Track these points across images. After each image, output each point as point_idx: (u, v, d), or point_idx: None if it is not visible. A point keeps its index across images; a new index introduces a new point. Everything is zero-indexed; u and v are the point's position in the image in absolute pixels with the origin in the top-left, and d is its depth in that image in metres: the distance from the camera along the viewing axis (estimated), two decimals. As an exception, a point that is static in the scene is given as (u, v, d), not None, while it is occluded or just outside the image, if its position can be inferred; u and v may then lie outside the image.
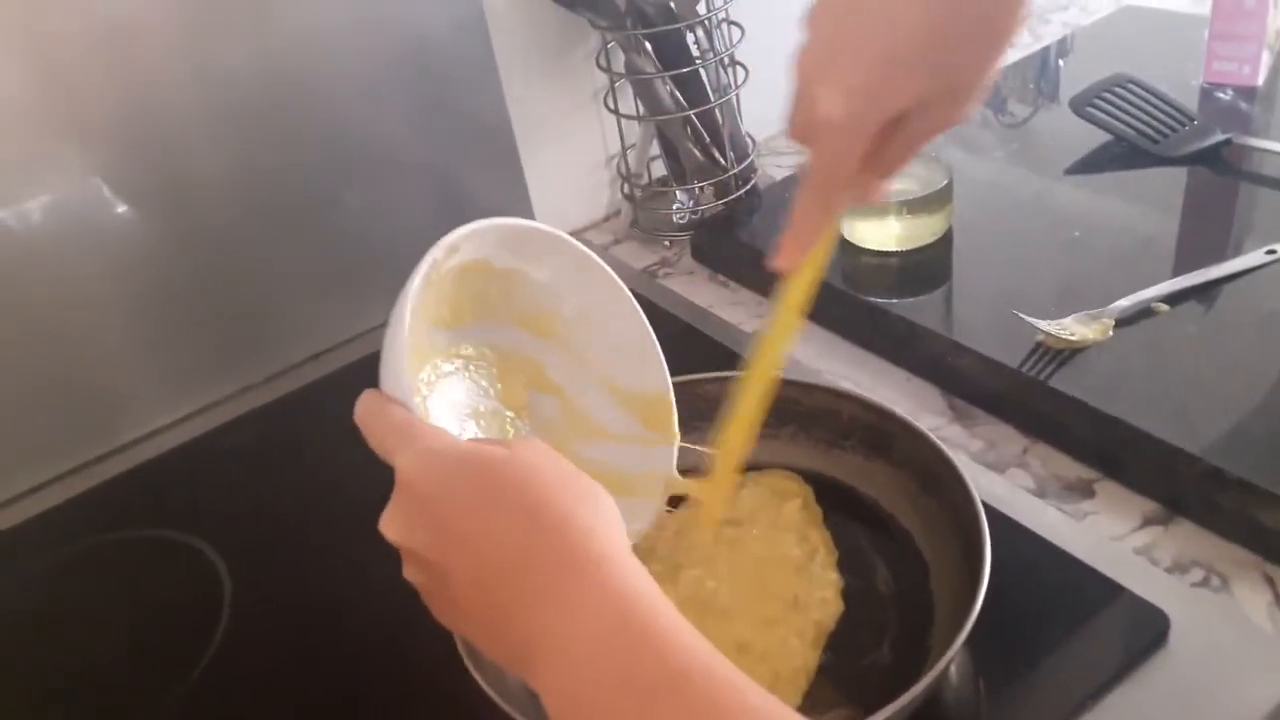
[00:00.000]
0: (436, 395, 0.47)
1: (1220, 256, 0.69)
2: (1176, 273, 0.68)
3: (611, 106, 0.84)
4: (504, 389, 0.49)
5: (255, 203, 0.76)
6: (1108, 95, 0.85)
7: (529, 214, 0.88)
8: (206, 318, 0.77)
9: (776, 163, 0.95)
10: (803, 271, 0.46)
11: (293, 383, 0.80)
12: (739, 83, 0.84)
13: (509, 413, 0.49)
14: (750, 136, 0.88)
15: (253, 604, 0.62)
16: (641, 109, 0.84)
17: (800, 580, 0.53)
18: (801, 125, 0.43)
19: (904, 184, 0.75)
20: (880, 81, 0.40)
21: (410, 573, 0.38)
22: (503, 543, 0.35)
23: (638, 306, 0.50)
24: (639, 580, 0.34)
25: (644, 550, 0.55)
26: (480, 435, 0.48)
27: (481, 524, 0.35)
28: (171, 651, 0.60)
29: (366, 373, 0.43)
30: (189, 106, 0.71)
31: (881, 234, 0.76)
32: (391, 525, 0.37)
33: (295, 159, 0.76)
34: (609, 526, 0.36)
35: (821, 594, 0.52)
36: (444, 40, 0.79)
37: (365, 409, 0.40)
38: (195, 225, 0.74)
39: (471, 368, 0.49)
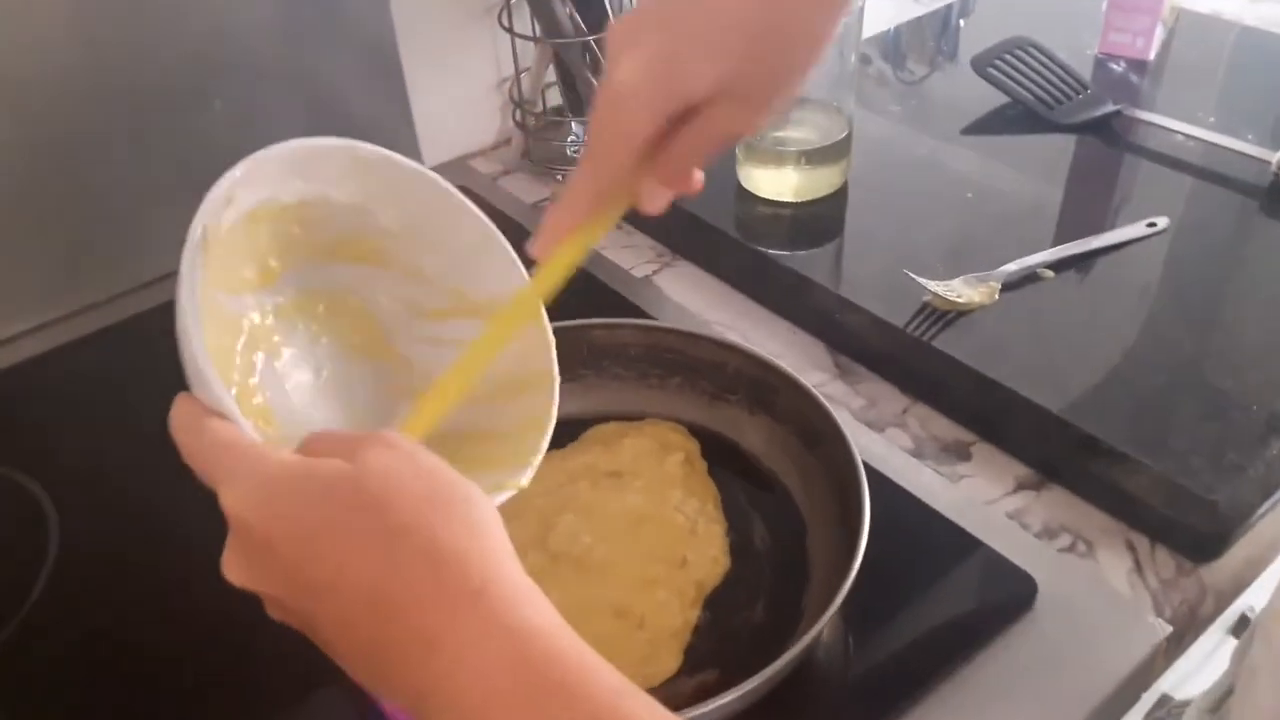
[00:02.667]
0: (274, 368, 0.41)
1: (1104, 226, 0.70)
2: (1062, 239, 0.68)
3: (506, 25, 0.80)
4: (349, 332, 0.44)
5: (104, 101, 0.68)
6: (1008, 57, 0.85)
7: (411, 134, 0.83)
8: (43, 225, 0.69)
9: (675, 101, 0.92)
10: (557, 259, 0.42)
11: (140, 303, 0.73)
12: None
13: (369, 359, 0.45)
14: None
15: (83, 545, 0.57)
16: (538, 30, 0.80)
17: (691, 541, 0.51)
18: (598, 96, 0.40)
19: (803, 133, 0.73)
20: (685, 57, 0.38)
21: (274, 614, 0.33)
22: (365, 582, 0.30)
23: (467, 202, 0.44)
24: (531, 608, 0.30)
25: (515, 500, 0.53)
26: (343, 397, 0.43)
27: (335, 564, 0.30)
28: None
29: None
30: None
31: (778, 184, 0.74)
32: (234, 570, 0.32)
33: (150, 56, 0.69)
34: (485, 540, 0.31)
35: (711, 553, 0.51)
36: (327, -62, 0.73)
37: (179, 423, 0.34)
38: (33, 121, 0.66)
39: (302, 323, 0.43)
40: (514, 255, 0.44)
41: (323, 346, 0.44)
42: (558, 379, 0.44)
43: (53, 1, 0.64)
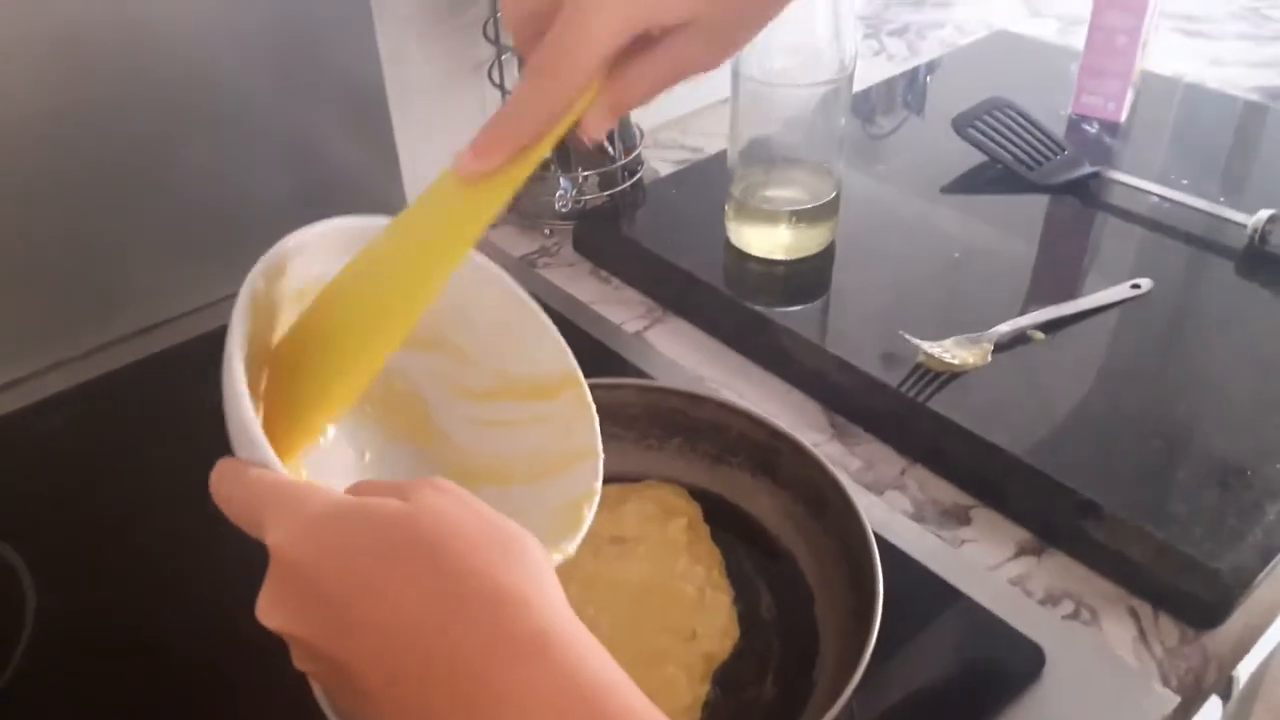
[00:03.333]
0: (318, 447, 0.40)
1: (1088, 286, 0.71)
2: (1048, 300, 0.69)
3: (496, 81, 0.79)
4: (394, 415, 0.44)
5: (80, 150, 0.66)
6: (987, 118, 0.86)
7: (398, 186, 0.82)
8: (19, 278, 0.67)
9: (662, 156, 0.93)
10: (501, 178, 0.37)
11: (116, 359, 0.71)
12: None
13: (413, 444, 0.44)
14: (639, 127, 0.85)
15: (60, 617, 0.54)
16: (526, 87, 0.79)
17: (700, 613, 0.50)
18: (527, 12, 0.36)
19: (794, 193, 0.74)
20: None
21: (299, 661, 0.31)
22: (419, 628, 0.28)
23: (514, 284, 0.43)
24: (594, 659, 0.28)
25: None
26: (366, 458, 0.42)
27: (389, 605, 0.28)
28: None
29: (203, 352, 0.36)
30: (8, 21, 0.61)
31: (769, 242, 0.75)
32: (272, 611, 0.30)
33: (132, 104, 0.67)
34: (544, 587, 0.30)
35: (720, 624, 0.50)
36: (315, -10, 0.72)
37: (222, 478, 0.33)
38: (6, 174, 0.64)
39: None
40: (558, 334, 0.44)
41: (367, 430, 0.43)
42: (601, 454, 0.43)
43: (30, 48, 0.62)
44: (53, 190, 0.66)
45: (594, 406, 0.44)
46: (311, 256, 0.38)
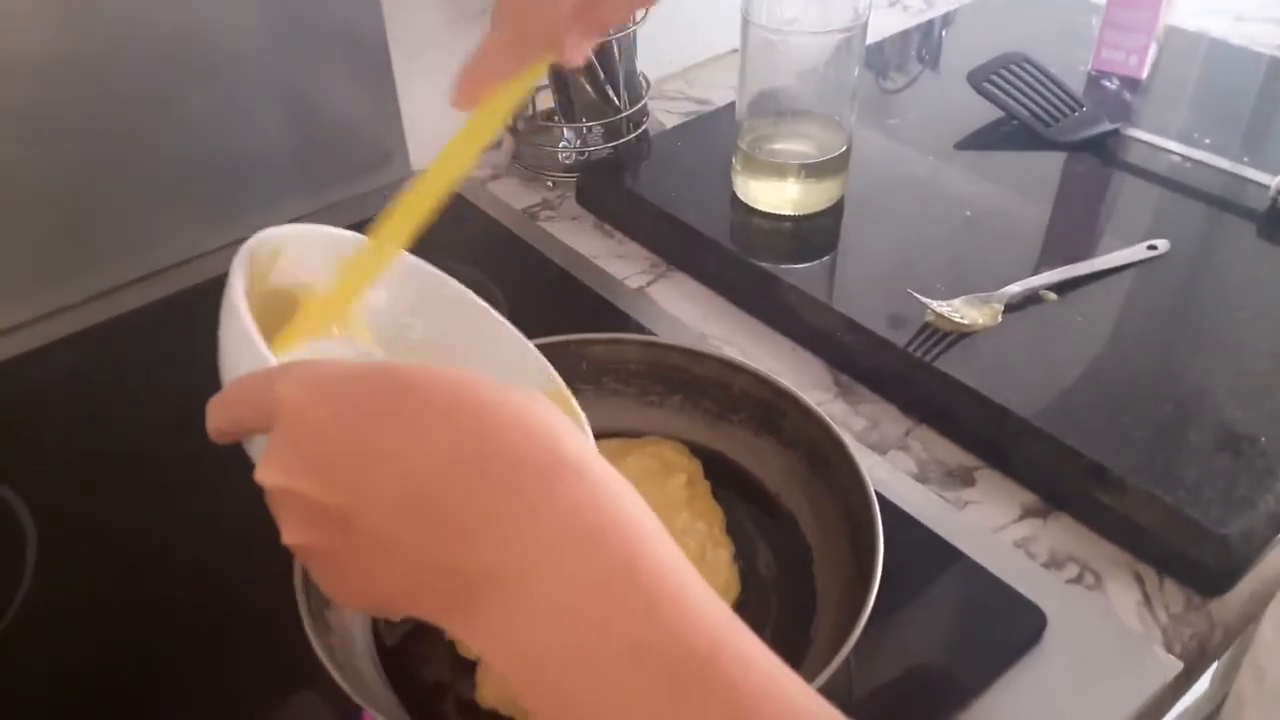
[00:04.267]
0: None
1: (1103, 247, 0.70)
2: (1062, 260, 0.68)
3: (499, 28, 0.77)
4: None
5: (79, 99, 0.65)
6: (1003, 72, 0.84)
7: (399, 135, 0.81)
8: (14, 222, 0.66)
9: (667, 108, 0.91)
10: (482, 113, 0.40)
11: (116, 306, 0.70)
12: (639, 18, 0.79)
13: None
14: (644, 77, 0.83)
15: (62, 561, 0.54)
16: (531, 34, 0.77)
17: (700, 568, 0.49)
18: None
19: (803, 146, 0.72)
20: None
21: (295, 531, 0.29)
22: (441, 447, 0.26)
23: (503, 320, 0.44)
24: (635, 505, 0.27)
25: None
26: None
27: (410, 435, 0.27)
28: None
29: (203, 301, 0.36)
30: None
31: (777, 197, 0.73)
32: (271, 467, 0.29)
33: (130, 52, 0.66)
34: (570, 428, 0.28)
35: (720, 580, 0.49)
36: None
37: (214, 407, 0.32)
38: (6, 119, 0.63)
39: None
40: (549, 366, 0.44)
41: None
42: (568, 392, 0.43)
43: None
44: (52, 139, 0.65)
45: (584, 416, 0.43)
46: (299, 255, 0.38)
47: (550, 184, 0.82)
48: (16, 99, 0.63)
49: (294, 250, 0.39)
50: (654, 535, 0.27)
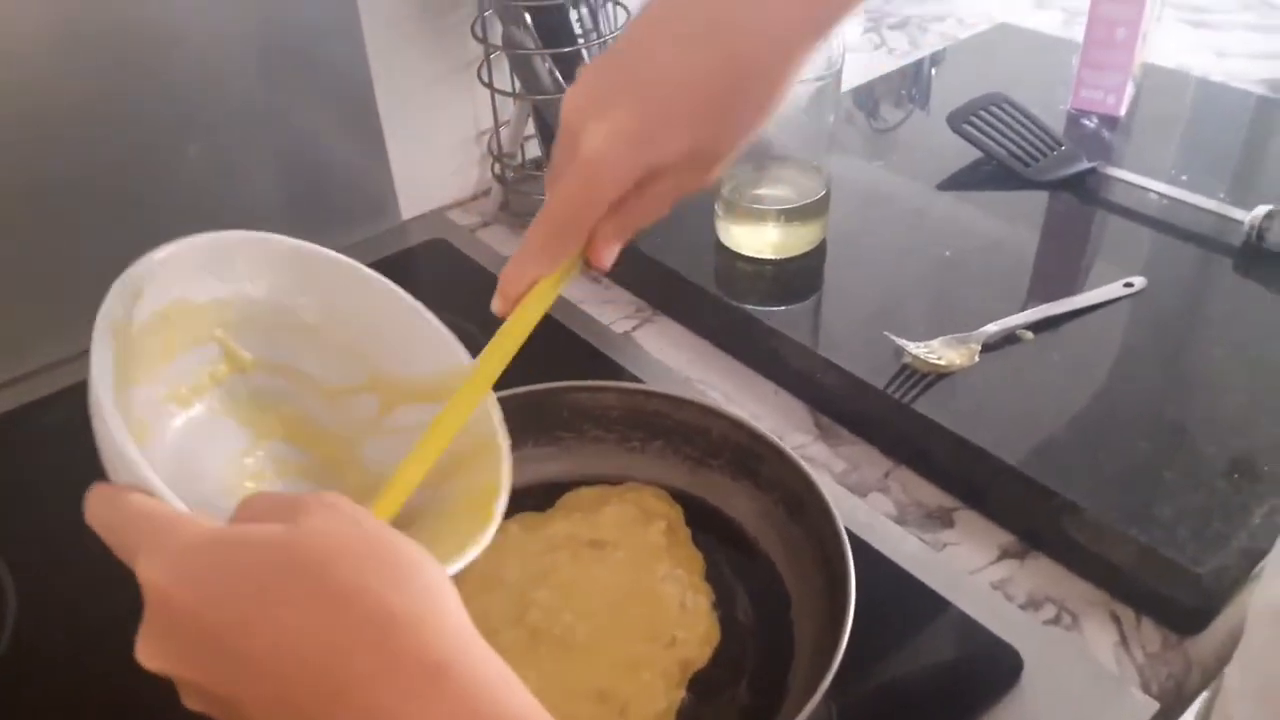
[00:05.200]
0: (189, 452, 0.40)
1: (1082, 285, 0.70)
2: (1041, 299, 0.68)
3: (485, 80, 0.79)
4: (267, 418, 0.43)
5: (76, 153, 0.67)
6: (983, 114, 0.85)
7: (389, 185, 0.83)
8: (8, 279, 0.68)
9: (654, 153, 0.92)
10: (520, 314, 0.42)
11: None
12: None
13: (284, 444, 0.43)
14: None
15: (42, 622, 0.54)
16: (518, 86, 0.79)
17: (681, 618, 0.50)
18: (559, 166, 0.41)
19: (782, 191, 0.73)
20: (658, 129, 0.39)
21: (191, 703, 0.30)
22: (304, 654, 0.27)
23: (392, 286, 0.43)
24: (496, 689, 0.27)
25: (489, 572, 0.52)
26: (258, 484, 0.41)
27: (271, 632, 0.27)
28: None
29: None
30: (9, 32, 0.62)
31: (758, 241, 0.74)
32: (149, 651, 0.29)
33: (125, 108, 0.68)
34: (440, 610, 0.28)
35: (700, 630, 0.50)
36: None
37: (93, 507, 0.32)
38: (2, 172, 0.65)
39: (219, 401, 0.42)
40: (447, 332, 0.44)
41: (240, 434, 0.43)
42: (507, 445, 0.43)
43: (25, 41, 0.63)
44: (47, 192, 0.67)
45: (494, 396, 0.43)
46: (168, 279, 0.37)
47: (538, 231, 0.84)
48: (14, 153, 0.65)
49: (154, 285, 0.38)
50: (512, 709, 0.27)
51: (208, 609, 0.28)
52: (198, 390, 0.41)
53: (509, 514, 0.43)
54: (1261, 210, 0.72)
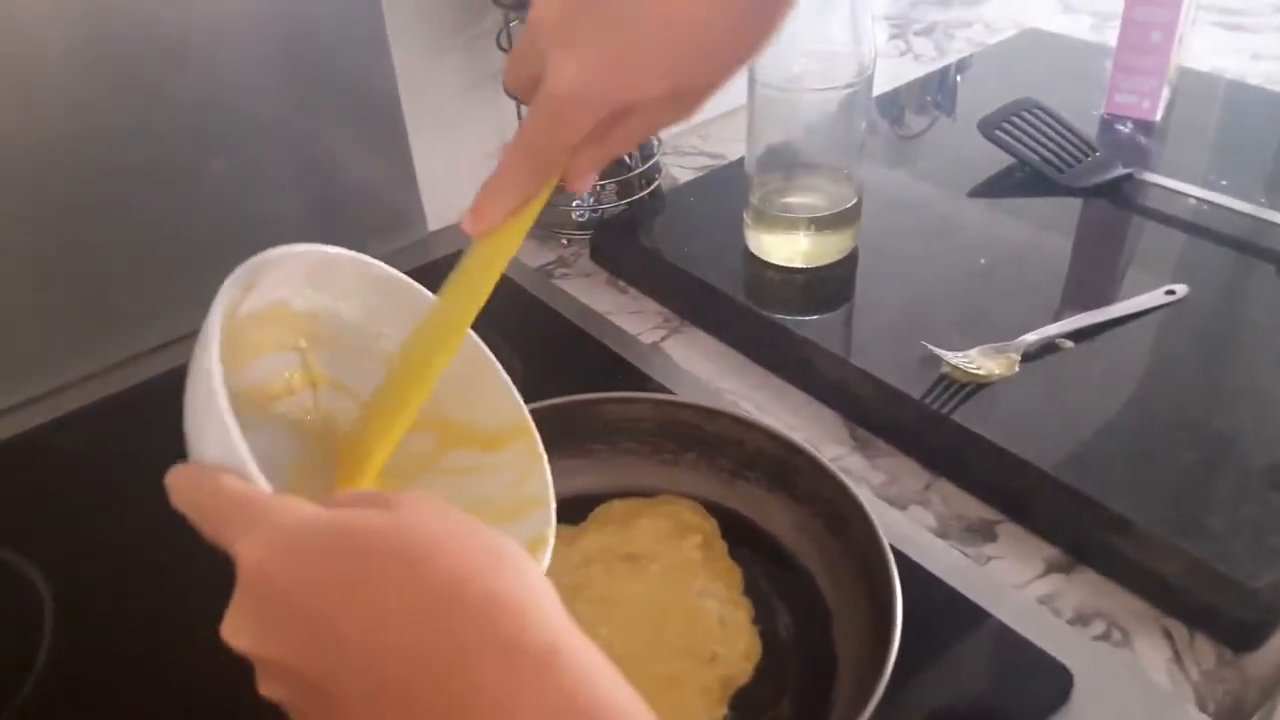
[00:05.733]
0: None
1: (1120, 292, 0.69)
2: (1078, 307, 0.67)
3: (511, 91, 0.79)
4: (324, 438, 0.43)
5: (105, 167, 0.67)
6: (1015, 119, 0.84)
7: (415, 196, 0.82)
8: (40, 293, 0.68)
9: (680, 164, 0.91)
10: (494, 240, 0.40)
11: (139, 373, 0.71)
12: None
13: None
14: (657, 135, 0.84)
15: (78, 630, 0.54)
16: (543, 96, 0.79)
17: (721, 634, 0.49)
18: (522, 81, 0.39)
19: (813, 199, 0.72)
20: (637, 61, 0.36)
21: (269, 687, 0.29)
22: (409, 637, 0.26)
23: (483, 347, 0.44)
24: (600, 676, 0.27)
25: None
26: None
27: (375, 615, 0.27)
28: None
29: None
30: (37, 50, 0.62)
31: (789, 250, 0.73)
32: (242, 630, 0.28)
33: (151, 123, 0.68)
34: (542, 599, 0.28)
35: (741, 647, 0.48)
36: (331, 3, 0.72)
37: (182, 488, 0.32)
38: (30, 186, 0.65)
39: (286, 411, 0.42)
40: (510, 384, 0.44)
41: (318, 476, 0.43)
42: (553, 504, 0.42)
43: (51, 61, 0.63)
44: (74, 204, 0.67)
45: (545, 457, 0.43)
46: (277, 279, 0.38)
47: (564, 241, 0.83)
48: (39, 169, 0.65)
49: (269, 279, 0.38)
50: (629, 715, 0.27)
51: (310, 589, 0.28)
52: (271, 395, 0.41)
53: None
54: (1305, 215, 0.71)
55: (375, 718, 0.27)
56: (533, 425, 0.44)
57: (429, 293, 0.42)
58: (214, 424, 0.32)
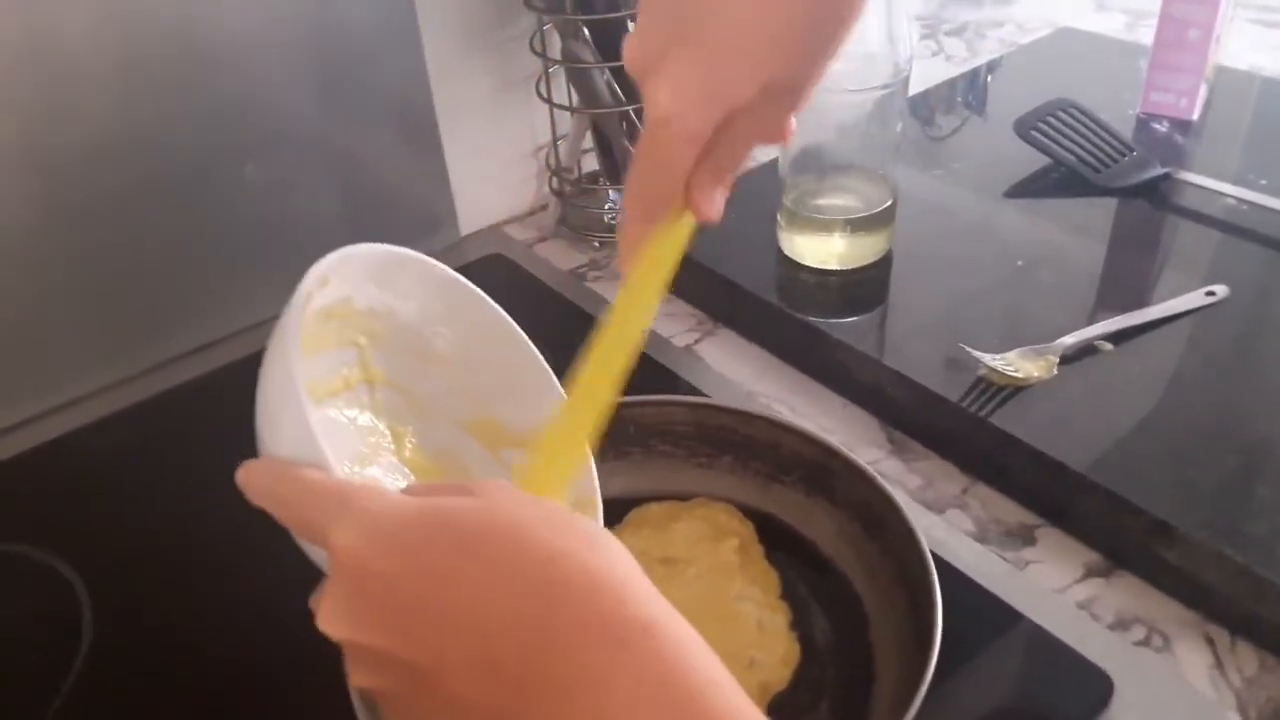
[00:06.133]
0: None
1: (1158, 294, 0.68)
2: (1117, 308, 0.66)
3: (544, 94, 0.79)
4: (390, 431, 0.44)
5: (140, 172, 0.68)
6: (1050, 119, 0.83)
7: (448, 200, 0.83)
8: (75, 298, 0.69)
9: (712, 165, 0.91)
10: (643, 268, 0.40)
11: (173, 377, 0.72)
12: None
13: (406, 472, 0.44)
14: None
15: (117, 632, 0.55)
16: (576, 99, 0.79)
17: (759, 639, 0.49)
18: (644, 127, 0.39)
19: (848, 200, 0.72)
20: (726, 72, 0.36)
21: (364, 676, 0.30)
22: (512, 613, 0.27)
23: (532, 348, 0.44)
24: (699, 652, 0.27)
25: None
26: None
27: (476, 595, 0.27)
28: (19, 687, 0.53)
29: (255, 370, 0.37)
30: (73, 56, 0.63)
31: (823, 251, 0.73)
32: (339, 619, 0.29)
33: (186, 124, 0.68)
34: (635, 575, 0.28)
35: (780, 652, 0.48)
36: (363, 7, 0.72)
37: (261, 481, 0.32)
38: (66, 192, 0.66)
39: (345, 406, 0.43)
40: (557, 385, 0.44)
41: (369, 443, 0.43)
42: (600, 504, 0.43)
43: (87, 68, 0.64)
44: (109, 210, 0.68)
45: (592, 458, 0.43)
46: (346, 276, 0.38)
47: (597, 244, 0.83)
48: (74, 175, 0.65)
49: (338, 276, 0.39)
50: (725, 688, 0.27)
51: (409, 574, 0.28)
52: (330, 391, 0.42)
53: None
54: (1348, 215, 0.70)
55: (481, 695, 0.27)
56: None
57: (485, 296, 0.43)
58: (292, 421, 0.32)
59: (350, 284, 0.39)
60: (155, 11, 0.64)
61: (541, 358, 0.45)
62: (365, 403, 0.43)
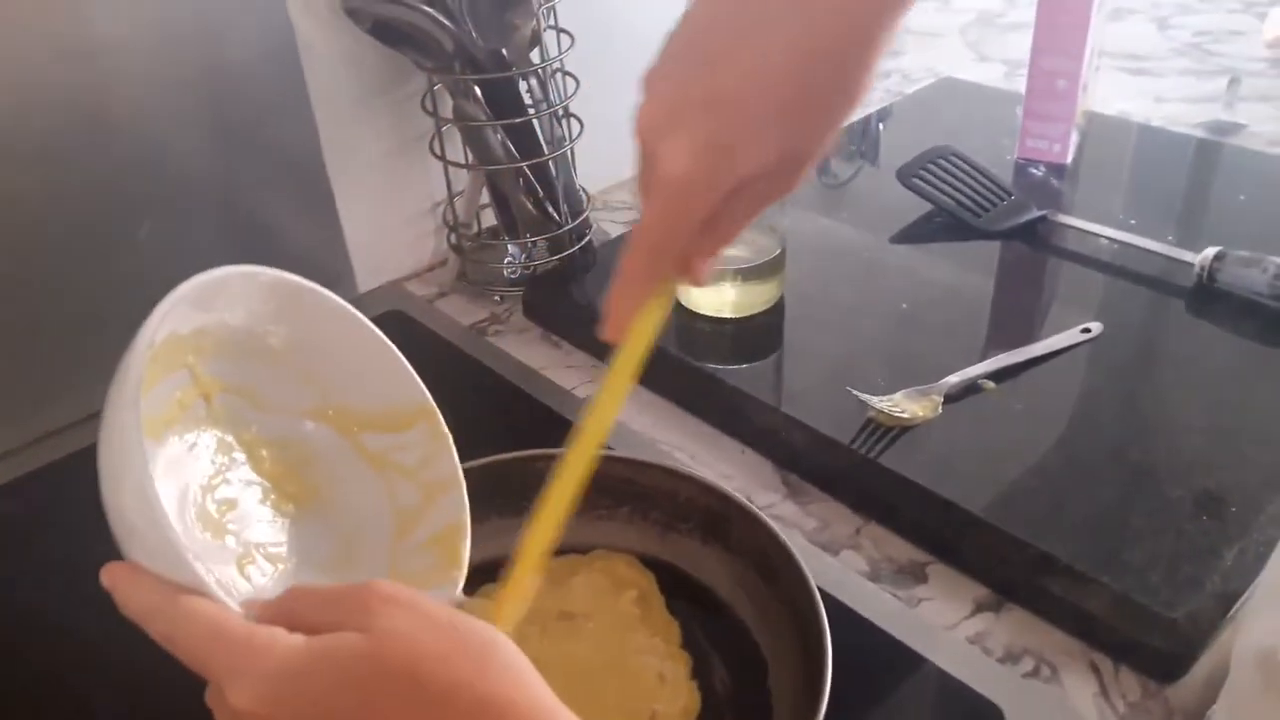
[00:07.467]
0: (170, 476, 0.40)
1: (1039, 332, 0.71)
2: (1000, 348, 0.69)
3: (438, 152, 0.79)
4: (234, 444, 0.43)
5: (29, 235, 0.66)
6: (931, 166, 0.87)
7: (345, 258, 0.82)
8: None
9: (611, 218, 0.93)
10: (631, 340, 0.42)
11: (56, 449, 0.70)
12: (574, 135, 0.81)
13: (262, 480, 0.43)
14: (584, 191, 0.85)
15: (10, 705, 0.53)
16: (471, 157, 0.79)
17: (660, 691, 0.49)
18: (643, 185, 0.39)
19: (738, 250, 0.74)
20: (739, 141, 0.36)
21: None
22: None
23: (372, 327, 0.44)
24: None
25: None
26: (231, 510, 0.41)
27: None
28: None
29: None
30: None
31: (717, 300, 0.74)
32: None
33: (78, 190, 0.67)
34: (523, 684, 0.31)
35: (681, 703, 0.48)
36: (254, 70, 0.72)
37: (143, 603, 0.32)
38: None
39: (188, 430, 0.42)
40: (404, 363, 0.44)
41: (217, 465, 0.43)
42: (463, 483, 0.44)
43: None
44: (2, 276, 0.66)
45: (450, 436, 0.44)
46: (169, 320, 0.38)
47: (497, 298, 0.83)
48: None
49: (163, 328, 0.38)
50: None
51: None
52: (166, 421, 0.41)
53: (472, 589, 0.43)
54: (1210, 251, 0.74)
55: None
56: (433, 403, 0.44)
57: (318, 287, 0.42)
58: (160, 544, 0.32)
59: (174, 320, 0.38)
60: (44, 75, 0.63)
61: (385, 338, 0.44)
62: (203, 417, 0.42)
